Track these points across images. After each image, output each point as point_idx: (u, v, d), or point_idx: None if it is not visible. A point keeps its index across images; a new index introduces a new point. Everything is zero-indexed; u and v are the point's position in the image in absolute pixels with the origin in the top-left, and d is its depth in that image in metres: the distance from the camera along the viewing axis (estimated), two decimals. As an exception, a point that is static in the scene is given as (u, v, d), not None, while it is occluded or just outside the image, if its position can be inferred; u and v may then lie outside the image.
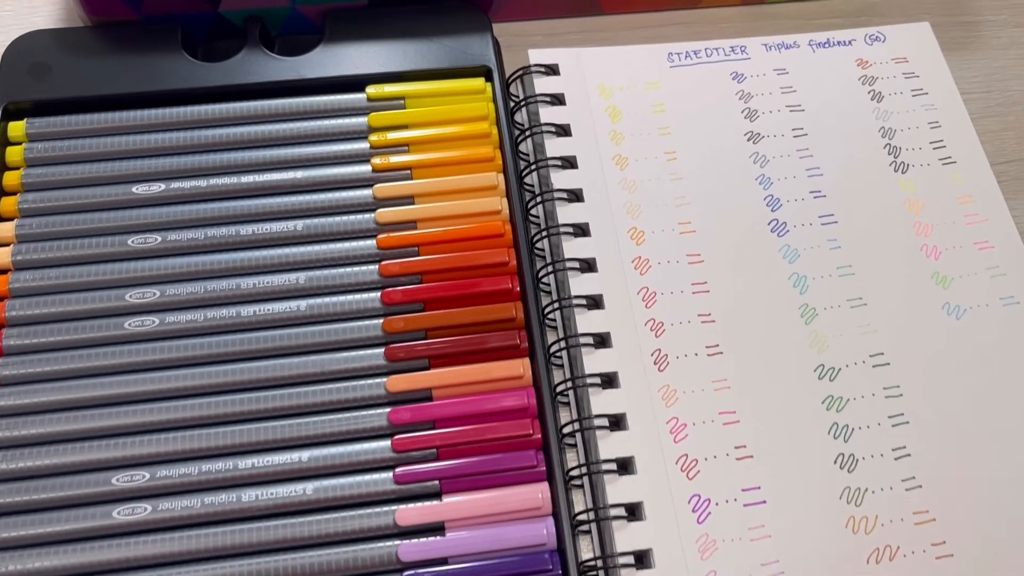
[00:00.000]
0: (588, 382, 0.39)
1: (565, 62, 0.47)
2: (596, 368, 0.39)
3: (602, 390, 0.39)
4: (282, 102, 0.45)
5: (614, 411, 0.39)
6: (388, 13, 0.48)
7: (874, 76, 0.47)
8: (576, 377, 0.39)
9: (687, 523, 0.36)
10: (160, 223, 0.42)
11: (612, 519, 0.37)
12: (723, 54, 0.48)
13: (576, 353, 0.40)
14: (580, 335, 0.40)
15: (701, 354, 0.40)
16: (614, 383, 0.39)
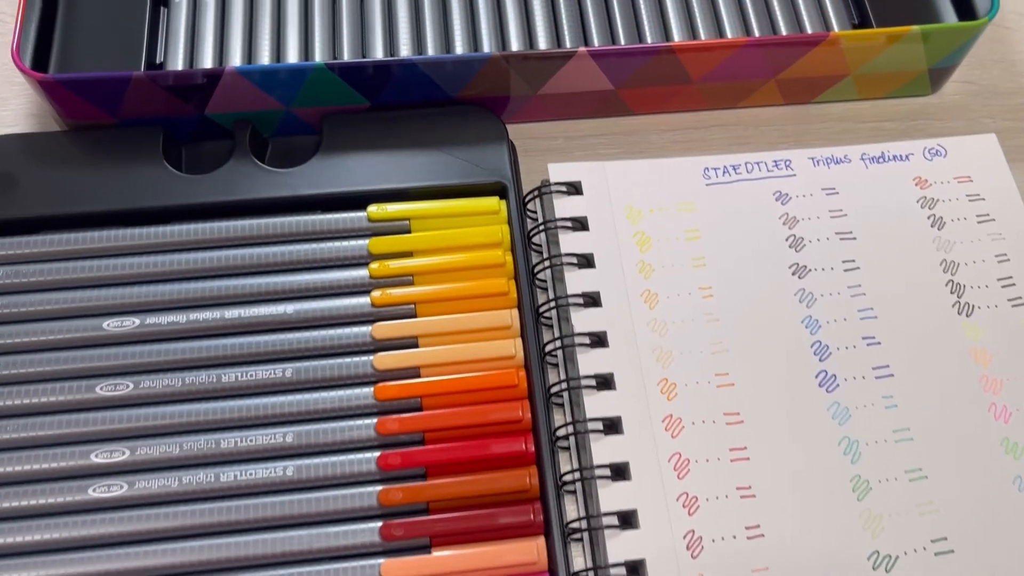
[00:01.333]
0: (613, 574, 0.34)
1: (588, 178, 0.42)
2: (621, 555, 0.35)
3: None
4: (272, 221, 0.41)
5: None
6: (392, 117, 0.43)
7: (934, 198, 0.42)
8: (599, 567, 0.35)
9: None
10: (132, 366, 0.38)
11: None
12: (765, 169, 0.43)
13: (599, 537, 0.35)
14: (604, 514, 0.35)
15: (740, 536, 0.35)
16: (640, 571, 0.35)
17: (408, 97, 0.43)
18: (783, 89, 0.46)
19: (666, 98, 0.45)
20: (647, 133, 0.46)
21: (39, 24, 0.42)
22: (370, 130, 0.43)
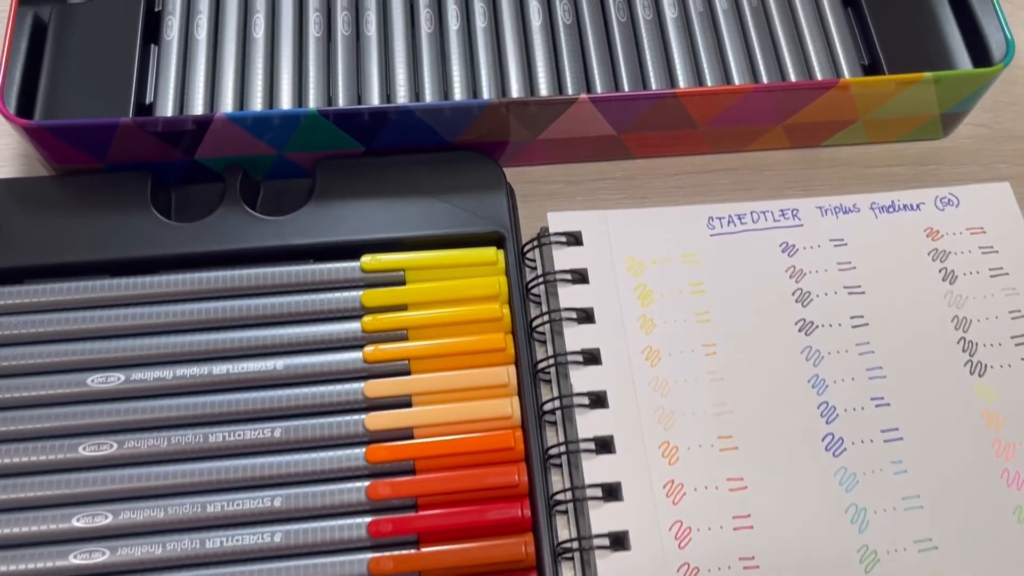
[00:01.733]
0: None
1: (589, 227, 0.41)
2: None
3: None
4: (262, 271, 0.39)
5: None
6: (388, 163, 0.42)
7: (946, 250, 0.41)
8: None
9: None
10: (117, 424, 0.36)
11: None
12: (772, 219, 0.42)
13: (596, 609, 0.34)
14: (602, 586, 0.34)
15: (742, 609, 0.34)
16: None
17: (404, 142, 0.42)
18: (790, 134, 0.44)
19: (670, 142, 0.44)
20: (650, 177, 0.45)
21: (24, 65, 0.41)
22: (365, 176, 0.41)
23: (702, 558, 0.35)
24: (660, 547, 0.35)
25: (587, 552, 0.35)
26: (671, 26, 0.46)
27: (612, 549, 0.35)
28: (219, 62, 0.44)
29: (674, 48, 0.45)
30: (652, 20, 0.46)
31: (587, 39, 0.45)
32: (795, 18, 0.47)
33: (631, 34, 0.45)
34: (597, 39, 0.45)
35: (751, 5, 0.47)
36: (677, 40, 0.45)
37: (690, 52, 0.45)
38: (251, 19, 0.45)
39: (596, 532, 0.35)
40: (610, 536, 0.35)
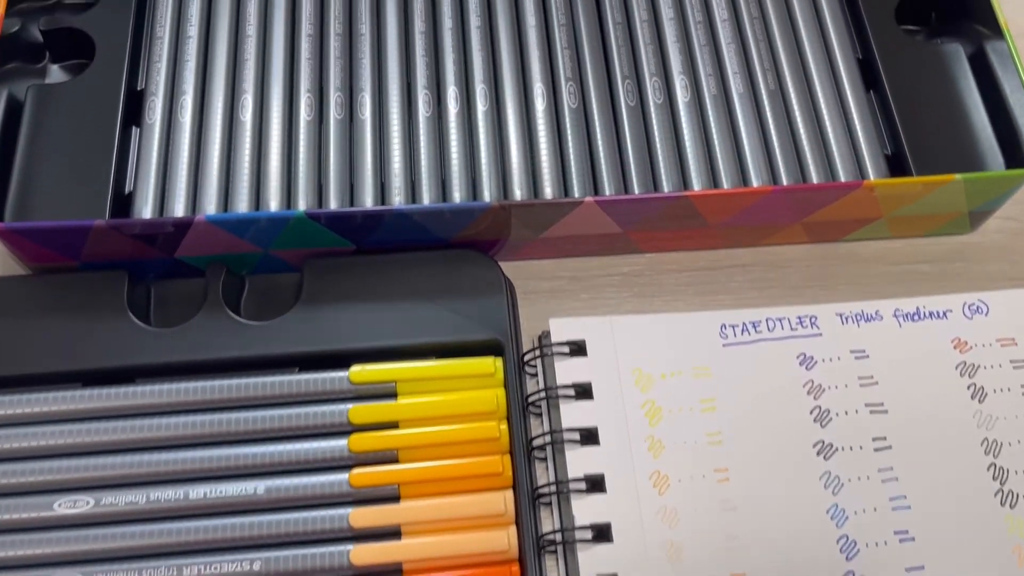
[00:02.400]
0: None
1: (593, 336, 0.38)
2: None
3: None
4: (244, 382, 0.37)
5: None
6: (380, 262, 0.39)
7: (975, 364, 0.39)
8: None
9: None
10: (84, 554, 0.34)
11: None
12: (789, 327, 0.39)
13: None
14: None
15: None
16: None
17: (398, 240, 0.39)
18: (809, 230, 0.42)
19: (679, 239, 0.42)
20: (658, 274, 0.42)
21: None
22: (355, 277, 0.39)
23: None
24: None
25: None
26: (683, 110, 0.43)
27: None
28: (204, 147, 0.41)
29: (685, 134, 0.42)
30: (663, 104, 0.43)
31: (593, 124, 0.42)
32: (814, 102, 0.44)
33: (640, 119, 0.43)
34: (604, 125, 0.42)
35: (768, 88, 0.44)
36: (689, 125, 0.43)
37: (703, 137, 0.42)
38: (239, 100, 0.42)
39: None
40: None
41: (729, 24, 0.45)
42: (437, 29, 0.45)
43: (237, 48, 0.44)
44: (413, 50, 0.44)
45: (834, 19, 0.46)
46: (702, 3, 0.46)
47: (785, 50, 0.45)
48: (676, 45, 0.45)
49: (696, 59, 0.44)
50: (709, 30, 0.45)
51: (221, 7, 0.44)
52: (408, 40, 0.44)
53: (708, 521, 0.35)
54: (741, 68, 0.44)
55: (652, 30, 0.45)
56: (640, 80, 0.44)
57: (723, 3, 0.46)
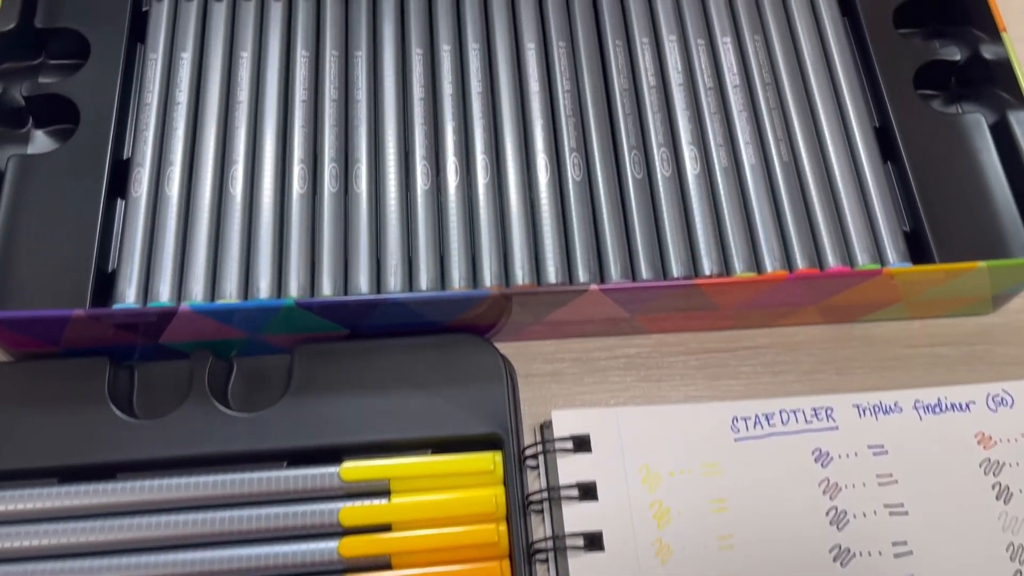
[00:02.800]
0: None
1: (598, 429, 0.36)
2: None
3: None
4: (228, 478, 0.35)
5: None
6: (373, 347, 0.37)
7: (1000, 461, 0.37)
8: None
9: None
10: (58, 668, 0.32)
11: None
12: (803, 420, 0.37)
13: None
14: None
15: None
16: None
17: (393, 324, 0.37)
18: (824, 312, 0.40)
19: (689, 320, 0.40)
20: (666, 355, 0.40)
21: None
22: (347, 364, 0.37)
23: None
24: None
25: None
26: (692, 183, 0.41)
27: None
28: (191, 222, 0.39)
29: (695, 210, 0.40)
30: (671, 176, 0.41)
31: (599, 198, 0.41)
32: (829, 174, 0.42)
33: (648, 193, 0.41)
34: (610, 198, 0.40)
35: (781, 159, 0.42)
36: (698, 200, 0.41)
37: (713, 213, 0.41)
38: (228, 171, 0.41)
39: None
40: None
41: (741, 91, 0.44)
42: (437, 95, 0.43)
43: (228, 115, 0.42)
44: (412, 117, 0.42)
45: (850, 84, 0.44)
46: (713, 69, 0.44)
47: (799, 118, 0.43)
48: (685, 113, 0.43)
49: (706, 128, 0.43)
50: (720, 97, 0.43)
51: (212, 72, 0.43)
52: (406, 107, 0.43)
53: (718, 634, 0.33)
54: (753, 138, 0.42)
55: (660, 97, 0.43)
56: (647, 151, 0.42)
57: (735, 69, 0.44)
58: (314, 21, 0.44)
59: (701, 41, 0.45)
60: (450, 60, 0.44)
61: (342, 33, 0.44)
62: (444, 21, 0.44)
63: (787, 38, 0.45)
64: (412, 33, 0.44)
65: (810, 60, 0.45)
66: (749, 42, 0.45)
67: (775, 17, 0.46)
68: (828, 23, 0.46)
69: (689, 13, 0.45)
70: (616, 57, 0.44)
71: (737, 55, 0.45)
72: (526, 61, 0.44)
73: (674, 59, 0.44)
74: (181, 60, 0.43)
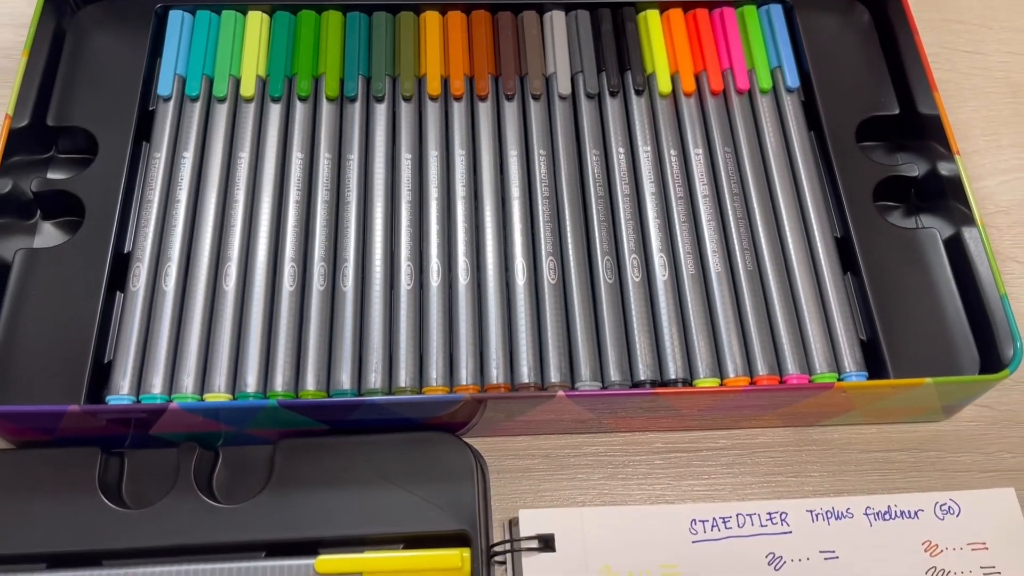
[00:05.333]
0: None
1: (563, 529, 0.38)
2: None
3: None
4: (211, 567, 0.36)
5: None
6: (352, 444, 0.39)
7: (946, 569, 0.38)
8: None
9: None
10: None
11: None
12: (759, 523, 0.39)
13: None
14: None
15: None
16: None
17: (372, 421, 0.39)
18: (783, 418, 0.42)
19: (654, 423, 0.42)
20: (632, 454, 0.42)
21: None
22: (326, 459, 0.39)
23: None
24: None
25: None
26: (660, 288, 0.43)
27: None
28: (185, 317, 0.42)
29: (663, 314, 0.43)
30: (641, 281, 0.44)
31: (572, 300, 0.43)
32: (791, 283, 0.44)
33: (618, 297, 0.43)
34: (582, 301, 0.43)
35: (746, 268, 0.44)
36: (666, 305, 0.43)
37: (679, 319, 0.43)
38: (223, 268, 0.43)
39: None
40: None
41: (710, 200, 0.46)
42: (423, 198, 0.45)
43: (224, 214, 0.44)
44: (399, 219, 0.45)
45: (813, 196, 0.47)
46: (684, 179, 0.47)
47: (764, 228, 0.46)
48: (656, 221, 0.45)
49: (676, 236, 0.45)
50: (690, 206, 0.46)
51: (212, 171, 0.45)
52: (394, 209, 0.45)
53: None
54: (720, 246, 0.45)
55: (633, 205, 0.46)
56: (619, 256, 0.44)
57: (704, 179, 0.47)
58: (310, 124, 0.47)
59: (674, 152, 0.47)
60: (437, 165, 0.46)
61: (336, 137, 0.47)
62: (432, 128, 0.47)
63: (756, 150, 0.48)
64: (402, 139, 0.47)
65: (776, 172, 0.47)
66: (719, 153, 0.48)
67: (745, 130, 0.48)
68: (795, 136, 0.48)
69: (663, 124, 0.48)
70: (592, 166, 0.47)
71: (707, 166, 0.47)
72: (508, 168, 0.46)
73: (647, 168, 0.47)
74: (183, 159, 0.45)
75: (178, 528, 0.37)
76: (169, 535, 0.37)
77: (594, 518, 0.39)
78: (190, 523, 0.38)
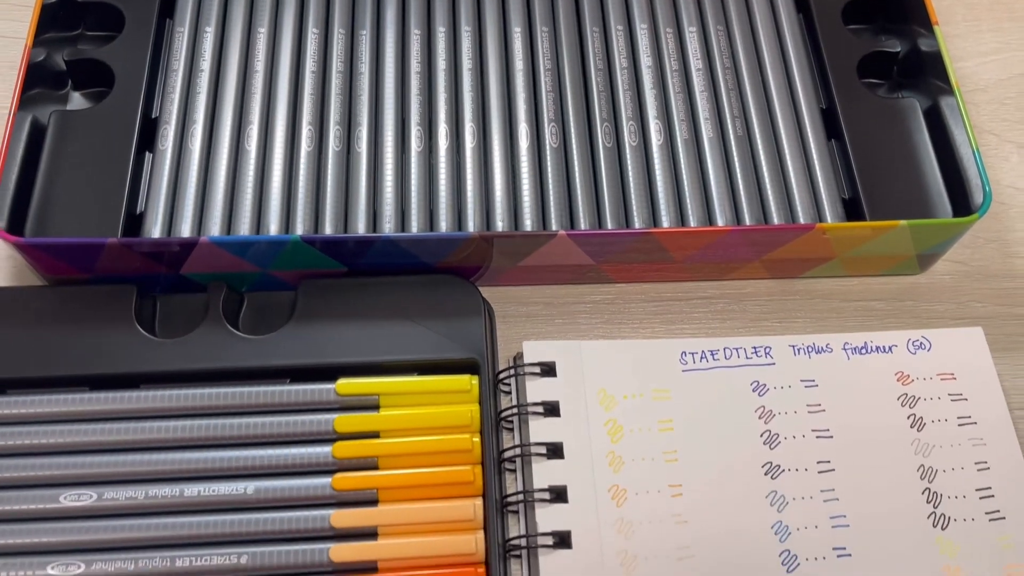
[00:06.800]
0: None
1: (563, 359, 0.41)
2: None
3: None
4: (238, 391, 0.40)
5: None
6: (369, 284, 0.42)
7: (915, 396, 0.42)
8: None
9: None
10: (85, 544, 0.37)
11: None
12: (744, 356, 0.42)
13: None
14: None
15: None
16: None
17: (387, 264, 0.42)
18: (769, 267, 0.45)
19: (648, 271, 0.45)
20: (628, 303, 0.45)
21: (20, 173, 0.42)
22: (346, 297, 0.42)
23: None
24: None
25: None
26: (656, 152, 0.46)
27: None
28: (211, 173, 0.45)
29: (657, 175, 0.46)
30: (638, 146, 0.47)
31: (572, 163, 0.46)
32: (778, 148, 0.47)
33: (616, 160, 0.46)
34: (582, 163, 0.46)
35: (736, 134, 0.47)
36: (660, 167, 0.46)
37: (673, 178, 0.46)
38: (244, 130, 0.46)
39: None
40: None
41: (703, 74, 0.49)
42: (431, 70, 0.48)
43: (245, 82, 0.47)
44: (408, 89, 0.48)
45: (800, 71, 0.49)
46: (679, 54, 0.49)
47: (754, 99, 0.48)
48: (652, 92, 0.48)
49: (670, 105, 0.48)
50: (684, 79, 0.49)
51: (232, 44, 0.48)
52: (404, 79, 0.48)
53: (661, 533, 0.38)
54: (712, 115, 0.48)
55: (631, 77, 0.49)
56: (617, 123, 0.47)
57: (698, 55, 0.49)
58: (324, 2, 0.50)
59: (669, 30, 0.50)
60: (444, 40, 0.49)
61: (349, 14, 0.49)
62: (440, 6, 0.50)
63: (747, 29, 0.51)
64: (411, 16, 0.49)
65: (766, 48, 0.50)
66: (712, 32, 0.50)
67: (737, 11, 0.51)
68: (784, 17, 0.51)
69: (660, 5, 0.51)
70: (592, 42, 0.49)
71: (701, 43, 0.50)
72: (512, 44, 0.49)
73: (644, 45, 0.50)
74: (205, 33, 0.48)
75: (208, 355, 0.41)
76: (201, 361, 0.40)
77: (592, 349, 0.42)
78: (220, 351, 0.41)
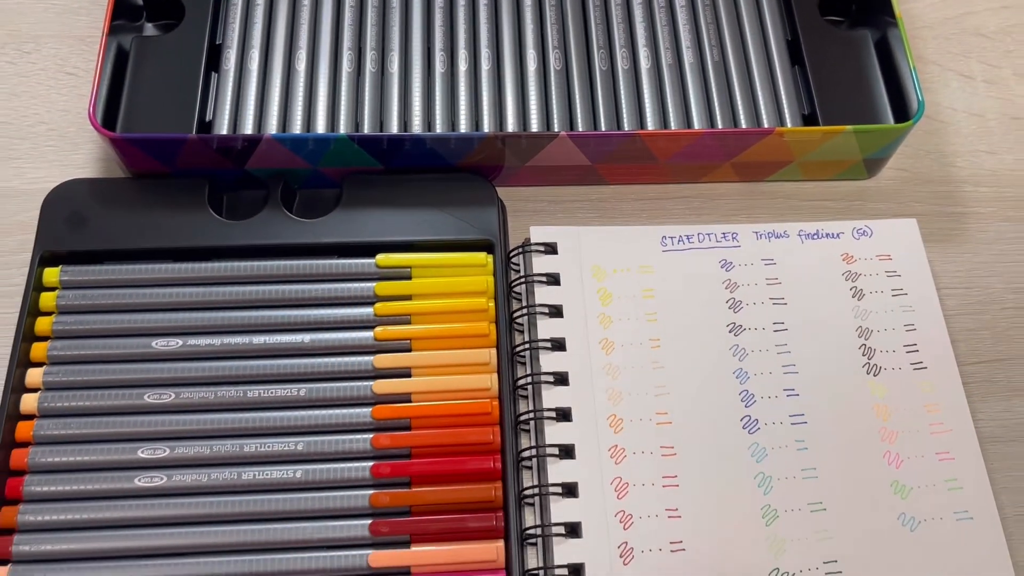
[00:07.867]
0: (557, 574, 0.42)
1: (564, 241, 0.50)
2: (565, 558, 0.42)
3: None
4: (296, 263, 0.48)
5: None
6: (402, 180, 0.51)
7: (857, 272, 0.50)
8: (547, 567, 0.42)
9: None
10: (175, 379, 0.46)
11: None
12: (714, 240, 0.50)
13: (549, 542, 0.43)
14: (553, 524, 0.43)
15: (665, 549, 0.43)
16: (580, 573, 0.42)
17: (416, 163, 0.51)
18: (737, 170, 0.53)
19: (636, 173, 0.53)
20: (619, 201, 0.54)
21: (110, 86, 0.51)
22: (382, 190, 0.51)
23: (636, 507, 0.43)
24: (602, 497, 0.43)
25: (544, 497, 0.44)
26: (644, 75, 0.55)
27: (564, 496, 0.43)
28: (267, 89, 0.53)
29: (646, 93, 0.54)
30: (629, 69, 0.55)
31: (573, 83, 0.54)
32: (749, 72, 0.55)
33: (610, 80, 0.54)
34: (581, 83, 0.54)
35: (712, 59, 0.55)
36: (648, 86, 0.54)
37: (659, 96, 0.54)
38: (295, 54, 0.54)
39: (553, 481, 0.44)
40: (563, 486, 0.44)
41: (686, 9, 0.57)
42: (453, 4, 0.56)
43: (295, 14, 0.56)
44: (433, 20, 0.56)
45: (771, 9, 0.57)
46: (664, -8, 0.58)
47: (729, 31, 0.56)
48: (642, 24, 0.56)
49: (658, 35, 0.56)
50: (670, 13, 0.57)
51: (282, -18, 0.56)
52: (430, 12, 0.56)
53: (641, 375, 0.46)
54: (693, 44, 0.56)
55: (624, 11, 0.57)
56: (612, 50, 0.55)
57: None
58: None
59: (657, -28, 0.58)
60: (463, -20, 0.57)
61: (381, -43, 0.58)
62: (460, -50, 0.58)
63: (724, -28, 0.59)
64: (435, -41, 0.58)
65: (741, -11, 0.58)
66: (695, -26, 0.58)
67: (716, -44, 0.59)
68: (757, -38, 0.59)
69: (649, -49, 0.59)
70: (591, -19, 0.58)
71: (684, -17, 0.58)
72: (522, -17, 0.58)
73: (636, -16, 0.58)
74: (259, -27, 0.57)
75: (270, 234, 0.49)
76: (263, 238, 0.49)
77: (588, 232, 0.50)
78: (279, 231, 0.49)
